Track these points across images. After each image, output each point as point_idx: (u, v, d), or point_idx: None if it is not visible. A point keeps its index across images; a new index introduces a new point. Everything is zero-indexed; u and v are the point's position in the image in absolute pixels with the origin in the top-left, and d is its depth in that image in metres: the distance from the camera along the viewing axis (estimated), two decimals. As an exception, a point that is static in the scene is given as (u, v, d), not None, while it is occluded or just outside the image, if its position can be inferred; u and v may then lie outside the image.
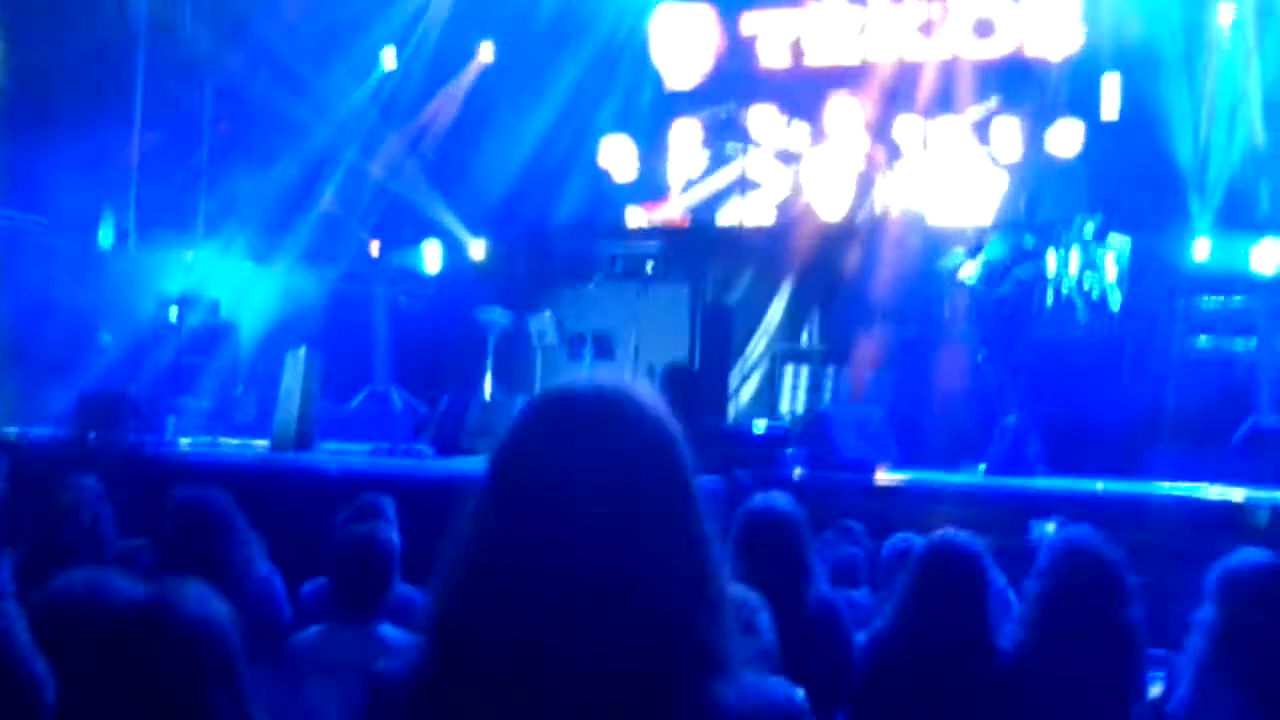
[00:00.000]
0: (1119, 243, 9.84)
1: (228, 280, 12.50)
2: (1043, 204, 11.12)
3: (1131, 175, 11.22)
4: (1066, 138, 11.84)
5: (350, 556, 3.94)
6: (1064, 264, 9.64)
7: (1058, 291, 9.64)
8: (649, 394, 1.44)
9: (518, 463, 1.40)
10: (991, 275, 9.96)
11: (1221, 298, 10.26)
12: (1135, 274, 9.88)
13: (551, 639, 1.31)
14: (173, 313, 11.66)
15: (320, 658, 3.75)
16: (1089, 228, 9.66)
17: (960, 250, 10.24)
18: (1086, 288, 9.62)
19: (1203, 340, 10.14)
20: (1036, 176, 11.82)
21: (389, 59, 13.69)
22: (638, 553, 1.34)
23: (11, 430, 8.78)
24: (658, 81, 13.48)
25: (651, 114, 13.45)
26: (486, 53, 13.83)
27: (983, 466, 8.85)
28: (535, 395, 1.47)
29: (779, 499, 3.96)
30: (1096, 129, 11.69)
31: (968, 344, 9.92)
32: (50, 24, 11.54)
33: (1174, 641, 3.39)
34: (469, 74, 13.84)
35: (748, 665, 1.42)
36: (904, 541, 4.59)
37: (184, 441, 9.08)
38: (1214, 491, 7.70)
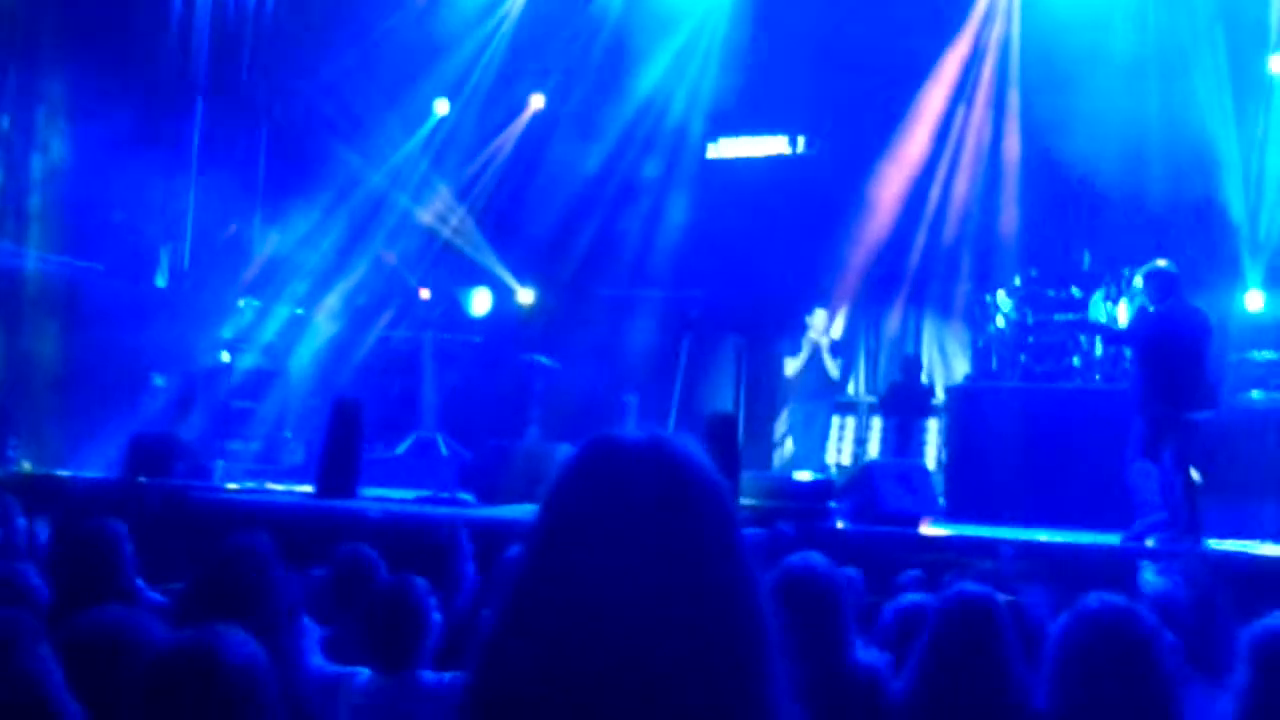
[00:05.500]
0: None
1: (279, 324, 12.67)
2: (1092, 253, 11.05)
3: (1182, 227, 11.10)
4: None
5: (382, 605, 3.94)
6: (1111, 315, 9.54)
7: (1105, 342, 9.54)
8: (695, 448, 1.40)
9: (566, 513, 1.36)
10: (1022, 316, 9.91)
11: (1274, 352, 10.10)
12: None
13: (596, 699, 1.27)
14: (224, 356, 11.83)
15: (366, 705, 3.76)
16: (1138, 280, 9.56)
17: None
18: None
19: (1256, 394, 9.98)
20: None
21: (441, 108, 13.89)
22: (688, 612, 1.30)
23: (63, 473, 8.90)
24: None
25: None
26: (538, 102, 14.00)
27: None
28: (583, 443, 1.41)
29: (816, 559, 3.73)
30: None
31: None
32: (113, 73, 11.80)
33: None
34: (520, 123, 14.01)
35: None
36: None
37: (231, 486, 9.14)
38: (1266, 549, 7.57)
